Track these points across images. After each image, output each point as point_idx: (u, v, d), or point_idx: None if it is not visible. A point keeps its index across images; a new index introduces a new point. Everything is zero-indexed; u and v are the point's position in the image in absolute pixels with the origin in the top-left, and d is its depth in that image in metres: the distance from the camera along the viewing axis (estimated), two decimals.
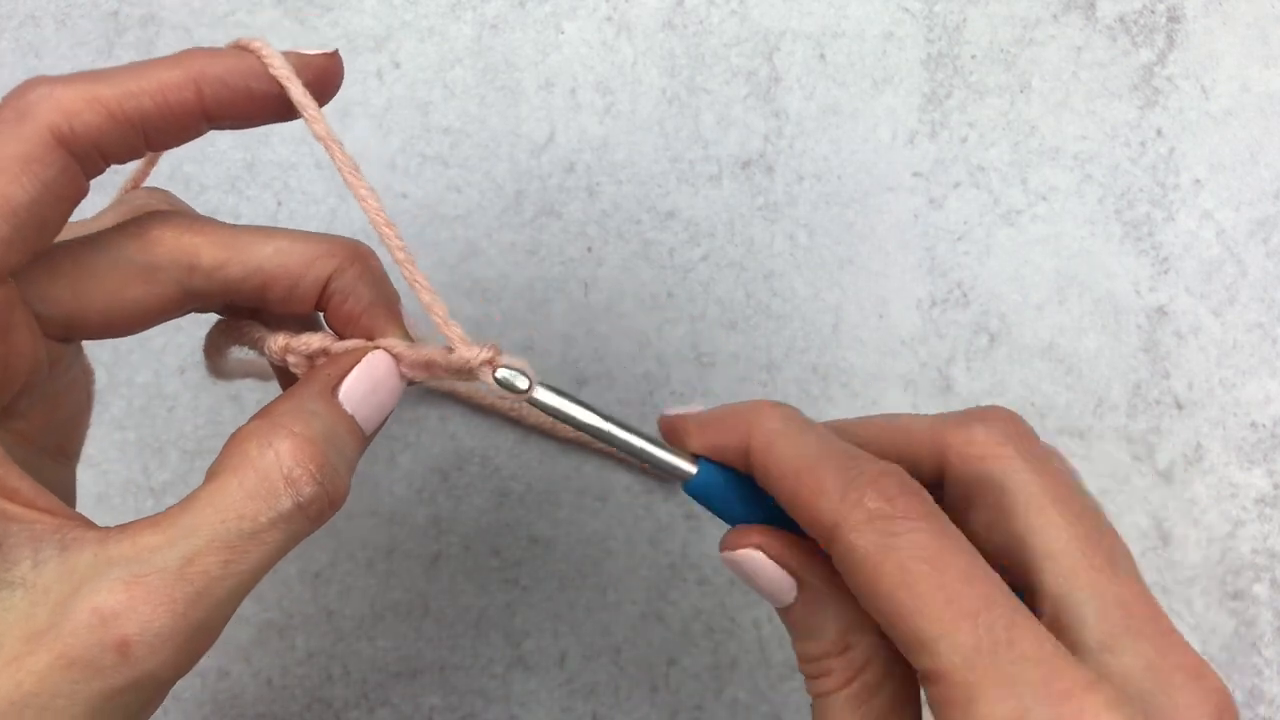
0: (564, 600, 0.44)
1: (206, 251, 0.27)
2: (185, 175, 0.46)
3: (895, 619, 0.24)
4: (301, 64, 0.27)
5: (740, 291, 0.46)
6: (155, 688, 0.24)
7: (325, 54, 0.28)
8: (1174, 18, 0.48)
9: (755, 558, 0.28)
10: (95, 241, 0.27)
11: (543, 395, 0.28)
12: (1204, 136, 0.47)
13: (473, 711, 0.43)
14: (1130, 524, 0.45)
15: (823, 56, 0.47)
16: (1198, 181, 0.47)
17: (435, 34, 0.47)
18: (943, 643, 0.23)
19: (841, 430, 0.28)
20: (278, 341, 0.29)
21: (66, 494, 0.30)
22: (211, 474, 0.26)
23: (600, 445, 0.42)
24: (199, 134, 0.27)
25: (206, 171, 0.46)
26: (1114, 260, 0.46)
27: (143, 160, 0.31)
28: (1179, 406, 0.46)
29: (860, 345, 0.46)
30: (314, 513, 0.26)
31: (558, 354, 0.45)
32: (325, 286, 0.28)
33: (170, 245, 0.27)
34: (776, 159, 0.47)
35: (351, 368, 0.28)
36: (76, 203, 0.26)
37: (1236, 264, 0.46)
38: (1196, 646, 0.44)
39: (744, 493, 0.28)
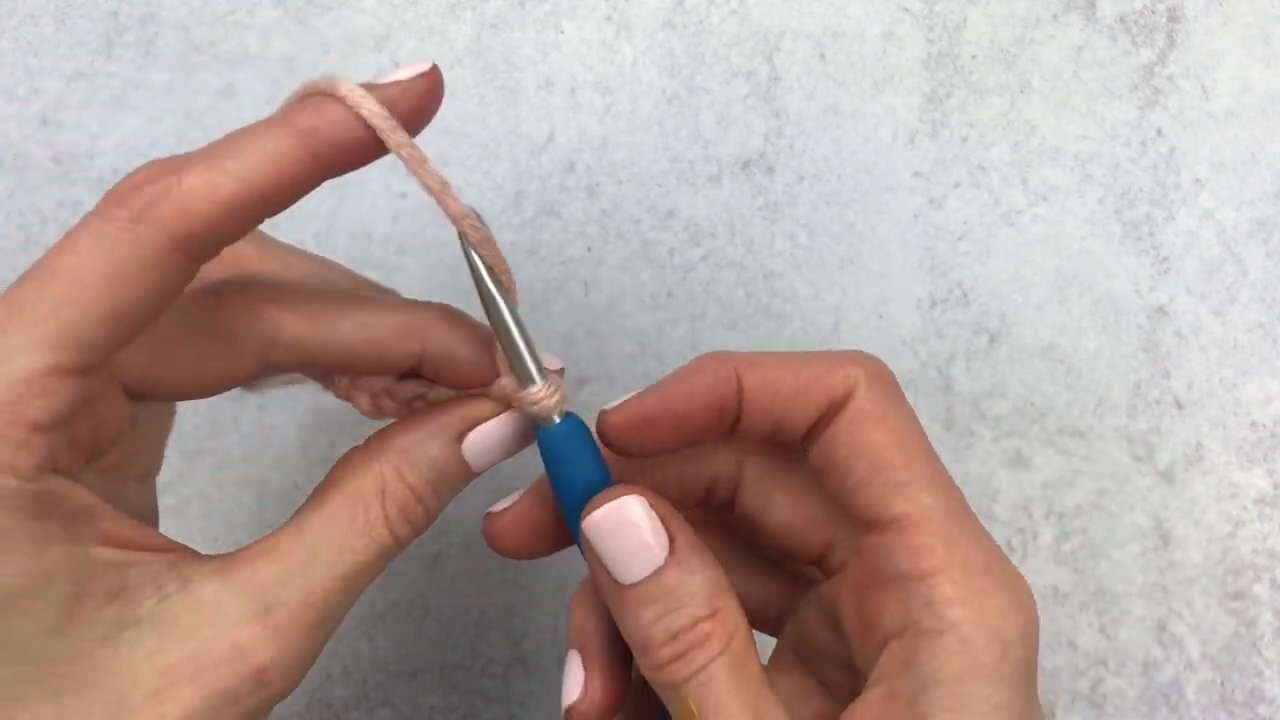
0: (564, 600, 0.44)
1: (288, 326, 0.27)
2: None
3: (886, 466, 0.26)
4: (399, 93, 0.26)
5: (740, 291, 0.46)
6: (282, 699, 0.26)
7: (422, 75, 0.26)
8: (1174, 17, 0.48)
9: (635, 508, 0.27)
10: (174, 312, 0.26)
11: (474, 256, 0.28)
12: (1204, 136, 0.47)
13: (473, 711, 0.43)
14: (1130, 524, 0.45)
15: (823, 56, 0.47)
16: (1198, 181, 0.47)
17: (435, 34, 0.47)
18: (927, 494, 0.26)
19: (752, 363, 0.29)
20: (341, 384, 0.29)
21: (151, 511, 0.31)
22: (322, 495, 0.27)
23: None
24: (315, 188, 0.27)
25: None
26: (1114, 260, 0.46)
27: None
28: (1179, 406, 0.46)
29: (860, 345, 0.46)
30: (404, 544, 0.28)
31: (558, 354, 0.45)
32: (421, 361, 0.28)
33: (249, 319, 0.27)
34: (776, 159, 0.47)
35: (484, 419, 0.29)
36: (183, 291, 0.26)
37: (1237, 264, 0.46)
38: (1197, 647, 0.44)
39: (592, 458, 0.28)
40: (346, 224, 0.46)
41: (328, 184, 0.46)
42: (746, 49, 0.47)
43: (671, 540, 0.27)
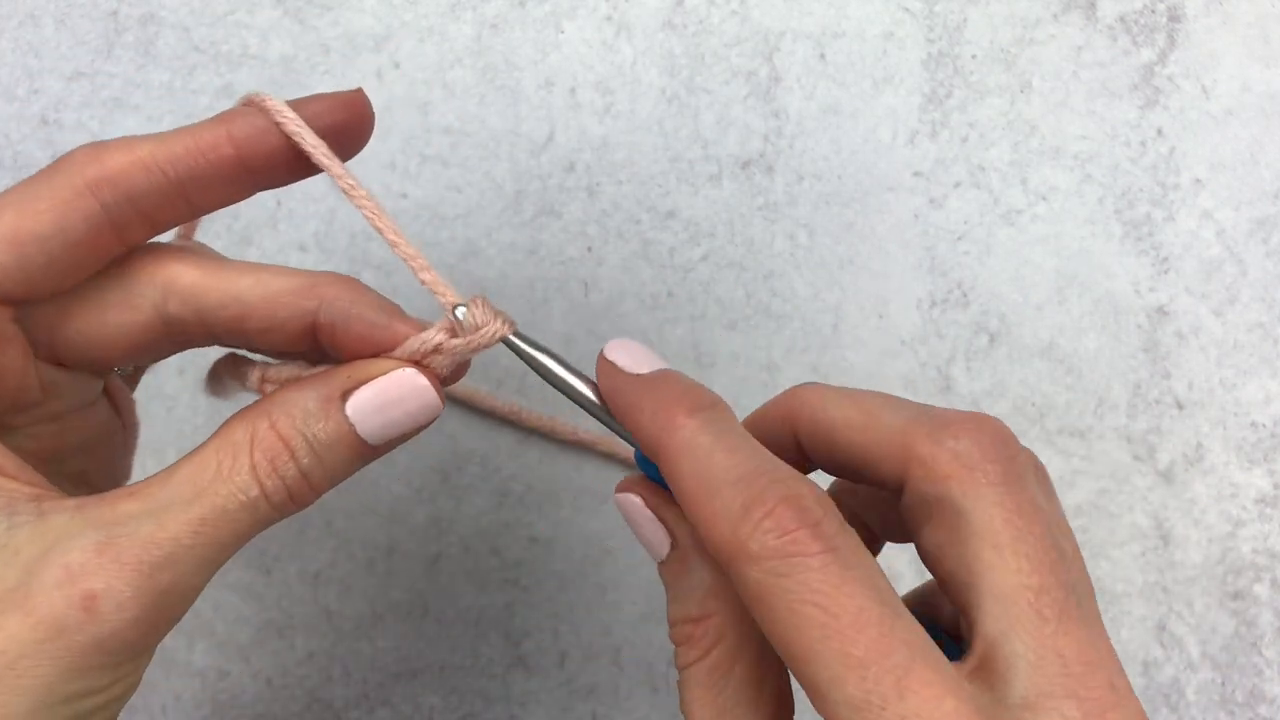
0: (564, 600, 0.44)
1: (184, 277, 0.27)
2: None
3: (788, 661, 0.23)
4: (326, 107, 0.28)
5: (740, 291, 0.46)
6: (123, 650, 0.24)
7: (349, 93, 0.29)
8: (1174, 17, 0.48)
9: (634, 504, 0.28)
10: None
11: (520, 342, 0.28)
12: (1204, 136, 0.47)
13: (473, 711, 0.43)
14: (1130, 524, 0.45)
15: (823, 56, 0.47)
16: (1198, 181, 0.47)
17: (435, 34, 0.47)
18: (832, 692, 0.21)
19: (819, 408, 0.27)
20: (254, 375, 0.29)
21: None
22: (198, 448, 0.26)
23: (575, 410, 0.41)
24: (243, 194, 0.28)
25: None
26: (1114, 260, 0.46)
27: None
28: (1179, 406, 0.46)
29: (860, 345, 0.46)
30: (277, 503, 0.26)
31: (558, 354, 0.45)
32: (318, 320, 0.28)
33: (148, 271, 0.28)
34: (776, 159, 0.47)
35: (372, 378, 0.27)
36: (101, 256, 0.26)
37: (1237, 264, 0.46)
38: (1196, 647, 0.44)
39: None
40: (346, 224, 0.46)
41: (327, 185, 0.46)
42: (746, 49, 0.47)
43: (673, 538, 0.27)
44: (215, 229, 0.45)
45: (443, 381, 0.28)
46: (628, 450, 0.44)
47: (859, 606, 0.21)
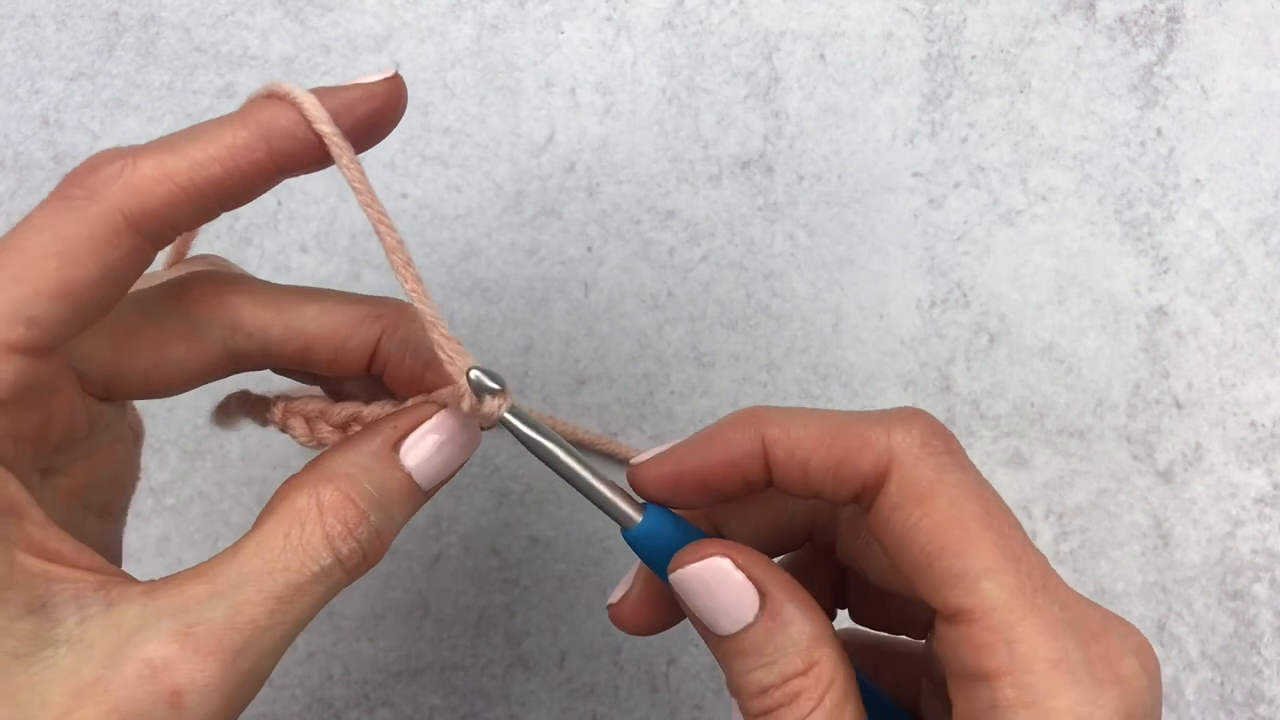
0: (564, 600, 0.44)
1: (249, 311, 0.27)
2: None
3: (938, 554, 0.24)
4: (364, 94, 0.26)
5: (740, 291, 0.46)
6: None
7: (385, 79, 0.26)
8: (1174, 18, 0.48)
9: (721, 567, 0.26)
10: (138, 301, 0.27)
11: (513, 419, 0.27)
12: (1204, 136, 0.47)
13: (473, 711, 0.43)
14: (1130, 524, 0.45)
15: (823, 56, 0.47)
16: (1197, 181, 0.47)
17: (435, 34, 0.47)
18: (986, 581, 0.23)
19: (785, 427, 0.27)
20: (276, 410, 0.28)
21: (112, 551, 0.29)
22: (259, 522, 0.26)
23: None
24: (272, 187, 0.27)
25: None
26: (1114, 260, 0.46)
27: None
28: (1179, 406, 0.46)
29: (860, 345, 0.46)
30: (351, 567, 0.26)
31: (558, 354, 0.45)
32: (376, 349, 0.28)
33: (212, 305, 0.27)
34: (776, 159, 0.47)
35: (418, 424, 0.27)
36: (140, 272, 0.26)
37: (1236, 264, 0.46)
38: (1196, 647, 0.44)
39: (685, 542, 0.27)
40: (347, 224, 0.46)
41: (328, 185, 0.46)
42: (746, 49, 0.47)
43: (763, 595, 0.26)
44: (215, 229, 0.45)
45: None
46: (628, 451, 0.44)
47: (1006, 509, 0.24)
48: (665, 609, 0.29)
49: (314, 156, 0.26)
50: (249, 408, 0.30)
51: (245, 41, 0.47)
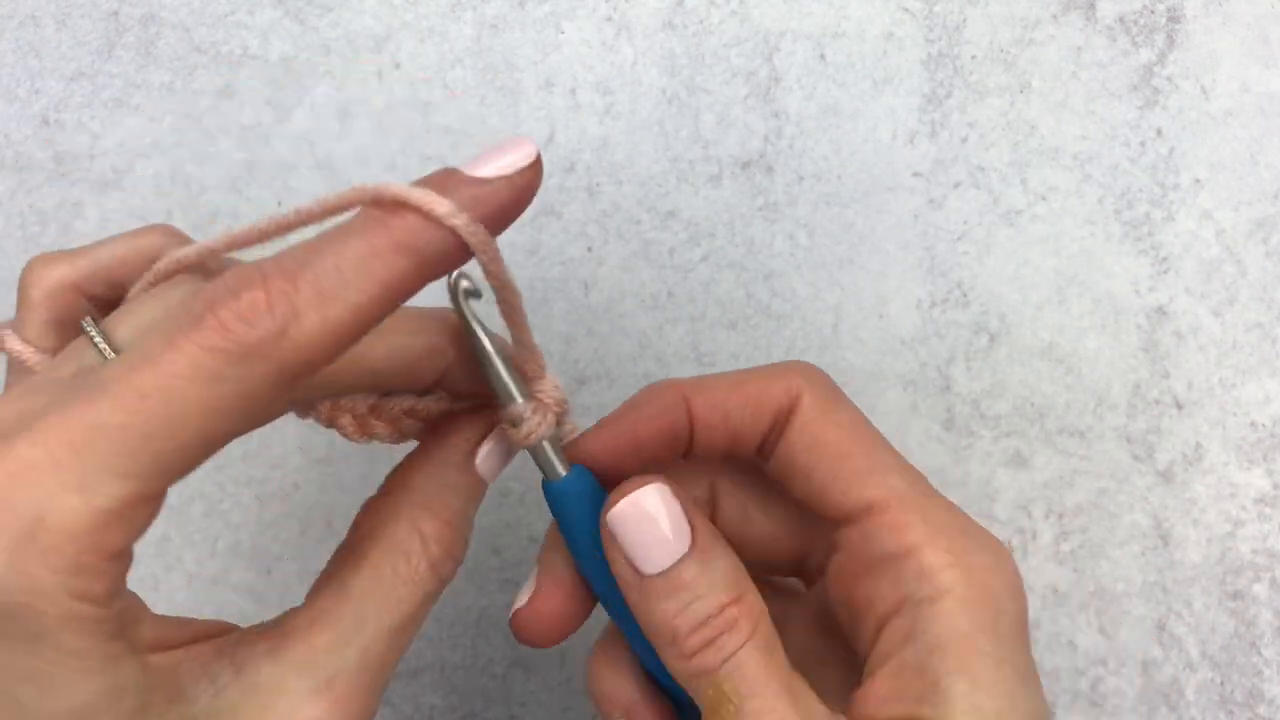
0: None
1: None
2: (186, 175, 0.46)
3: (847, 457, 0.27)
4: (505, 186, 0.24)
5: (740, 291, 0.46)
6: None
7: (527, 168, 0.24)
8: (1174, 18, 0.48)
9: (654, 499, 0.27)
10: None
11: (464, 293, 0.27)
12: (1204, 136, 0.47)
13: (473, 711, 0.43)
14: (1130, 524, 0.45)
15: (823, 56, 0.47)
16: (1198, 181, 0.47)
17: (435, 34, 0.47)
18: (893, 476, 0.27)
19: (699, 387, 0.29)
20: (324, 407, 0.28)
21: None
22: (360, 555, 0.26)
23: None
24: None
25: (206, 172, 0.46)
26: (1114, 260, 0.46)
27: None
28: (1179, 406, 0.46)
29: (860, 345, 0.46)
30: (447, 579, 0.27)
31: (558, 354, 0.45)
32: (447, 373, 0.29)
33: None
34: (776, 159, 0.47)
35: (488, 431, 0.29)
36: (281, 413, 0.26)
37: (1236, 264, 0.46)
38: (1196, 647, 0.44)
39: (594, 510, 0.28)
40: None
41: (328, 184, 0.46)
42: (746, 49, 0.47)
43: (692, 530, 0.27)
44: (215, 230, 0.45)
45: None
46: None
47: (879, 438, 0.29)
48: (570, 602, 0.30)
49: (455, 259, 0.24)
50: (295, 404, 0.30)
51: (245, 41, 0.47)
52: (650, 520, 0.27)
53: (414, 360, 0.28)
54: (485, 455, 0.29)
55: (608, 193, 0.46)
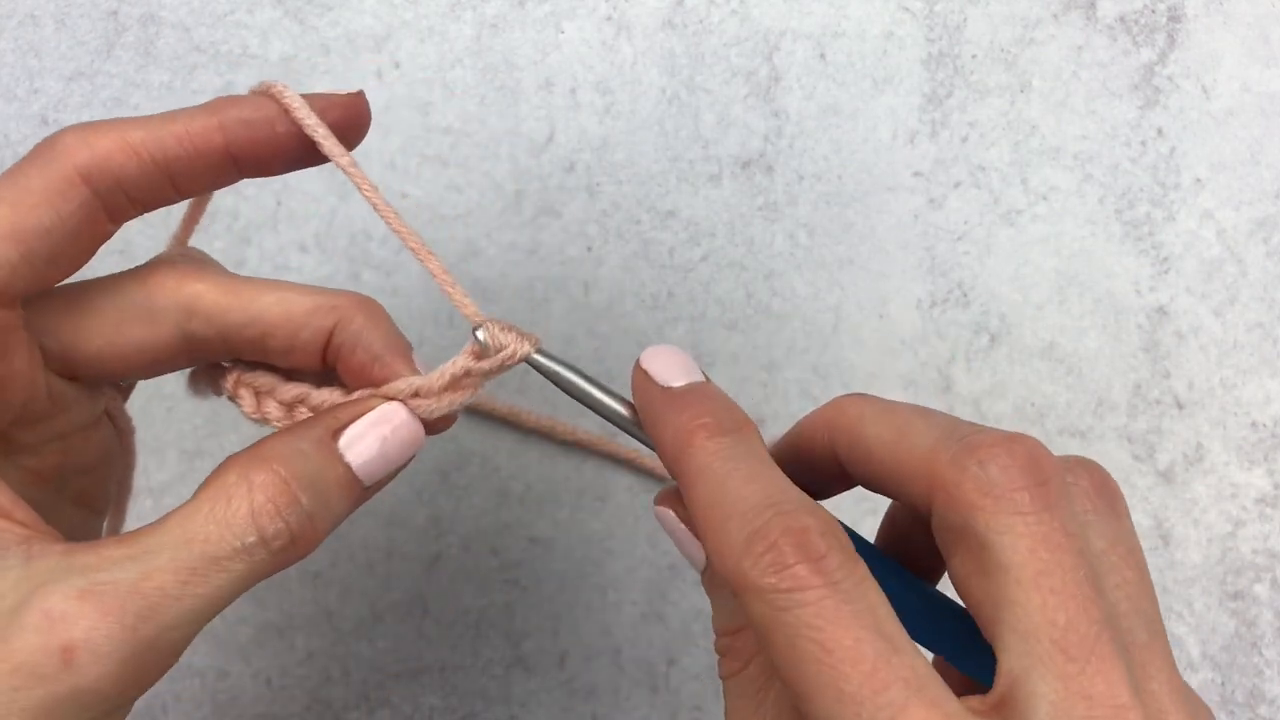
0: (564, 600, 0.44)
1: (207, 297, 0.27)
2: None
3: (792, 695, 0.22)
4: (326, 105, 0.28)
5: (740, 291, 0.46)
6: (99, 703, 0.23)
7: (350, 94, 0.28)
8: (1174, 17, 0.48)
9: (669, 517, 0.27)
10: (100, 282, 0.28)
11: (544, 360, 0.29)
12: (1204, 136, 0.47)
13: (473, 711, 0.43)
14: None
15: (823, 56, 0.47)
16: (1198, 181, 0.47)
17: (435, 34, 0.47)
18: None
19: (856, 422, 0.26)
20: (228, 380, 0.29)
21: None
22: (191, 498, 0.26)
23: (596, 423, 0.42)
24: (230, 180, 0.28)
25: None
26: (1114, 260, 0.46)
27: (191, 204, 0.31)
28: (1179, 406, 0.46)
29: (860, 345, 0.46)
30: (277, 549, 0.25)
31: (558, 354, 0.45)
32: (330, 339, 0.28)
33: (171, 289, 0.27)
34: (776, 159, 0.47)
35: (360, 415, 0.27)
36: (97, 241, 0.26)
37: (1237, 264, 0.46)
38: (1197, 647, 0.44)
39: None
40: (346, 224, 0.46)
41: (327, 184, 0.46)
42: (746, 49, 0.47)
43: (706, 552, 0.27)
44: (215, 229, 0.45)
45: (429, 428, 0.28)
46: (629, 452, 0.44)
47: (855, 639, 0.21)
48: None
49: (270, 150, 0.27)
50: (211, 377, 0.30)
51: (245, 41, 0.47)
52: (670, 535, 0.28)
53: (297, 315, 0.28)
54: (353, 439, 0.27)
55: (608, 192, 0.46)
